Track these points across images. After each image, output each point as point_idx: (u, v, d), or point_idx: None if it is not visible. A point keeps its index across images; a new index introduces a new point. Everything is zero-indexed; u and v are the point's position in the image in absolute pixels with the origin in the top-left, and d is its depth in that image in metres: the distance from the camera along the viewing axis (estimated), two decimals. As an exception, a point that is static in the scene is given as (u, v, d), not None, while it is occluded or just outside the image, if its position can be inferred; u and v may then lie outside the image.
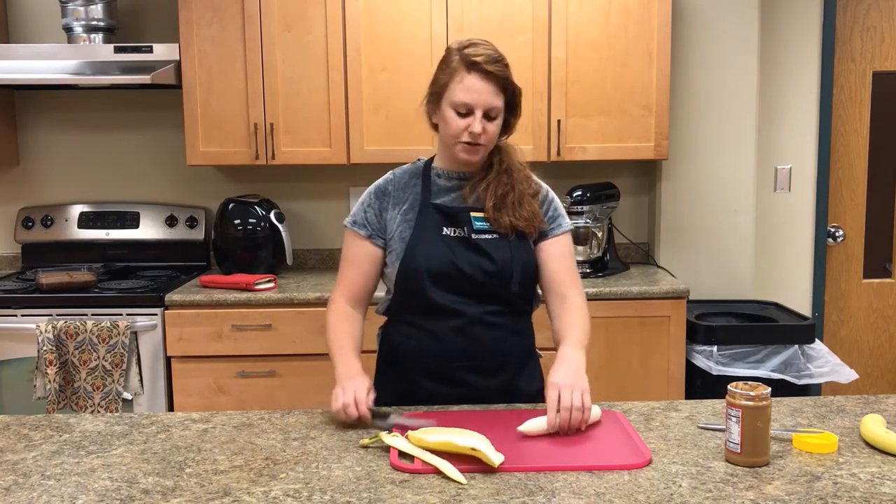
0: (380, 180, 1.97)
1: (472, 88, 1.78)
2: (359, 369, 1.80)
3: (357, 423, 1.69)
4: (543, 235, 1.91)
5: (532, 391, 1.92)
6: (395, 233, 1.89)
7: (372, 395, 1.73)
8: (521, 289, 1.87)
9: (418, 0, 3.29)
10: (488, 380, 1.86)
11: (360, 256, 1.93)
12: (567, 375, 1.66)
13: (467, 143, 1.81)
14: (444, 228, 1.87)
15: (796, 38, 3.70)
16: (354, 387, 1.71)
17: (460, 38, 1.87)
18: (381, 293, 1.97)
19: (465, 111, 1.80)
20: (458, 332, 1.84)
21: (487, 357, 1.86)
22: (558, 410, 1.60)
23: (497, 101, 1.80)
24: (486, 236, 1.86)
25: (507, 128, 1.90)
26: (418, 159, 1.99)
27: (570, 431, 1.61)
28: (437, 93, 1.85)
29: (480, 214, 1.88)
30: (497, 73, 1.78)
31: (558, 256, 1.90)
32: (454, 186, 1.92)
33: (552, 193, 1.98)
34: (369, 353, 1.95)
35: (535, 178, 1.96)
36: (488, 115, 1.80)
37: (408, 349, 1.89)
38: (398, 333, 1.92)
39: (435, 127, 1.91)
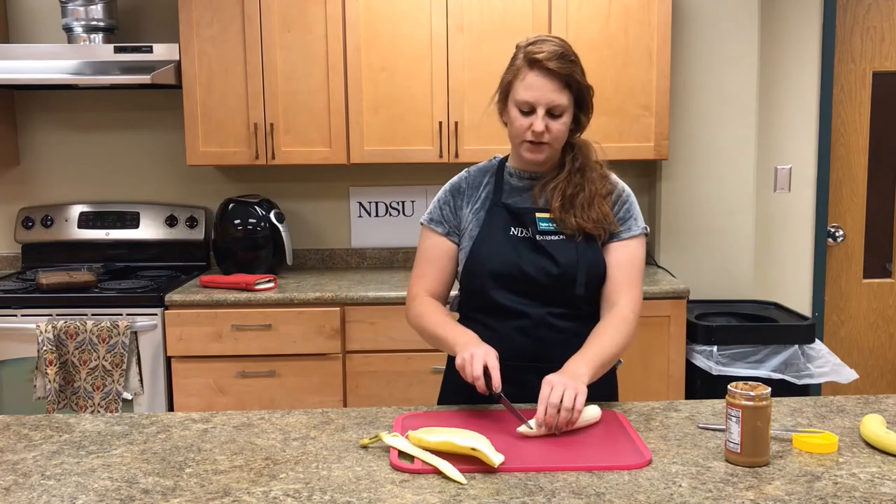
0: (455, 178, 1.96)
1: (533, 86, 1.76)
2: (478, 337, 1.75)
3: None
4: (611, 238, 1.86)
5: (601, 395, 1.82)
6: (466, 231, 1.89)
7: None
8: (586, 292, 1.83)
9: (418, 0, 3.29)
10: None
11: (437, 253, 1.92)
12: (563, 376, 1.63)
13: (531, 142, 1.80)
14: (512, 228, 1.85)
15: (796, 38, 3.70)
16: (485, 354, 1.66)
17: (529, 36, 1.83)
18: (454, 291, 1.98)
19: (528, 109, 1.78)
20: (522, 333, 1.83)
21: (551, 359, 1.75)
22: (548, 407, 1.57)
23: (560, 99, 1.77)
24: (552, 238, 1.83)
25: (578, 125, 1.86)
26: (494, 157, 1.97)
27: (556, 430, 1.59)
28: (503, 92, 1.84)
29: (546, 215, 1.85)
30: (559, 70, 1.74)
31: (619, 262, 1.85)
32: (525, 186, 1.90)
33: (628, 194, 1.92)
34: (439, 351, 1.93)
35: (612, 177, 1.91)
36: (552, 113, 1.78)
37: None
38: None
39: (506, 124, 1.89)
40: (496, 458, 1.43)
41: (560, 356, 1.72)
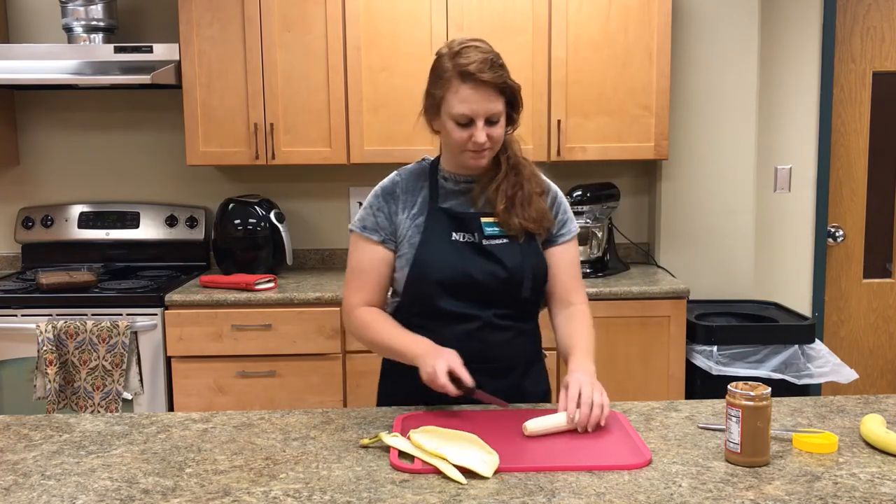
0: (385, 182, 1.92)
1: (470, 100, 1.74)
2: (431, 343, 1.77)
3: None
4: (552, 240, 1.90)
5: (538, 392, 1.93)
6: (404, 237, 1.86)
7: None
8: (532, 294, 1.86)
9: (418, 0, 3.29)
10: (495, 382, 1.81)
11: (373, 262, 1.88)
12: (585, 375, 1.68)
13: (474, 150, 1.79)
14: (454, 234, 1.84)
15: (796, 38, 3.70)
16: (446, 361, 1.67)
17: (451, 41, 1.82)
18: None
19: (466, 122, 1.77)
20: (468, 336, 1.83)
21: (496, 360, 1.84)
22: (578, 406, 1.61)
23: (497, 107, 1.77)
24: (498, 241, 1.84)
25: (510, 123, 1.86)
26: (423, 159, 1.95)
27: (586, 429, 1.61)
28: (434, 105, 1.82)
29: (490, 219, 1.85)
30: (493, 80, 1.73)
31: (566, 264, 1.90)
32: (462, 190, 1.89)
33: (559, 193, 1.95)
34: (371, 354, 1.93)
35: (540, 174, 1.93)
36: (490, 121, 1.77)
37: None
38: None
39: (437, 132, 1.88)
40: (487, 472, 1.41)
41: (501, 355, 1.80)
